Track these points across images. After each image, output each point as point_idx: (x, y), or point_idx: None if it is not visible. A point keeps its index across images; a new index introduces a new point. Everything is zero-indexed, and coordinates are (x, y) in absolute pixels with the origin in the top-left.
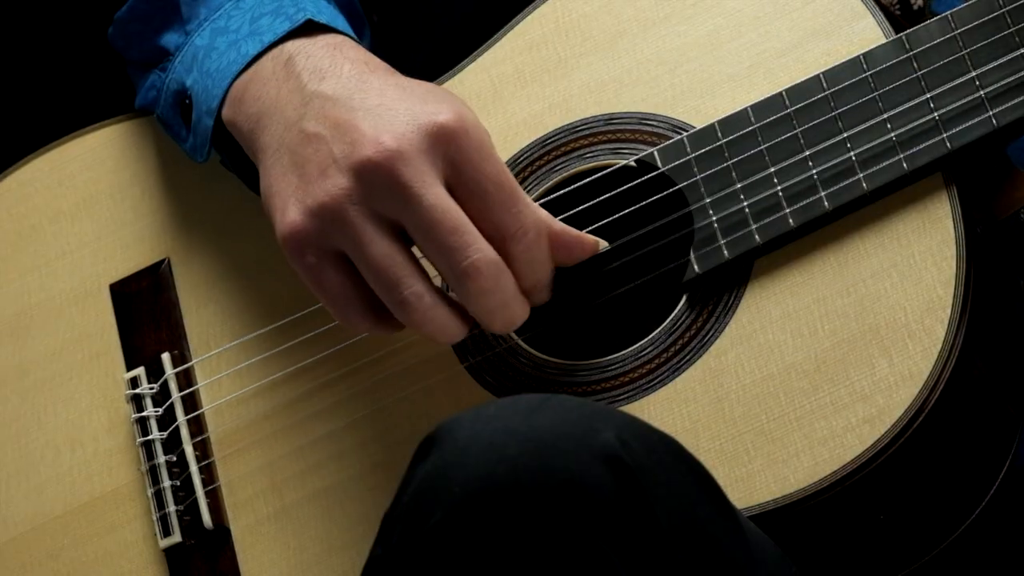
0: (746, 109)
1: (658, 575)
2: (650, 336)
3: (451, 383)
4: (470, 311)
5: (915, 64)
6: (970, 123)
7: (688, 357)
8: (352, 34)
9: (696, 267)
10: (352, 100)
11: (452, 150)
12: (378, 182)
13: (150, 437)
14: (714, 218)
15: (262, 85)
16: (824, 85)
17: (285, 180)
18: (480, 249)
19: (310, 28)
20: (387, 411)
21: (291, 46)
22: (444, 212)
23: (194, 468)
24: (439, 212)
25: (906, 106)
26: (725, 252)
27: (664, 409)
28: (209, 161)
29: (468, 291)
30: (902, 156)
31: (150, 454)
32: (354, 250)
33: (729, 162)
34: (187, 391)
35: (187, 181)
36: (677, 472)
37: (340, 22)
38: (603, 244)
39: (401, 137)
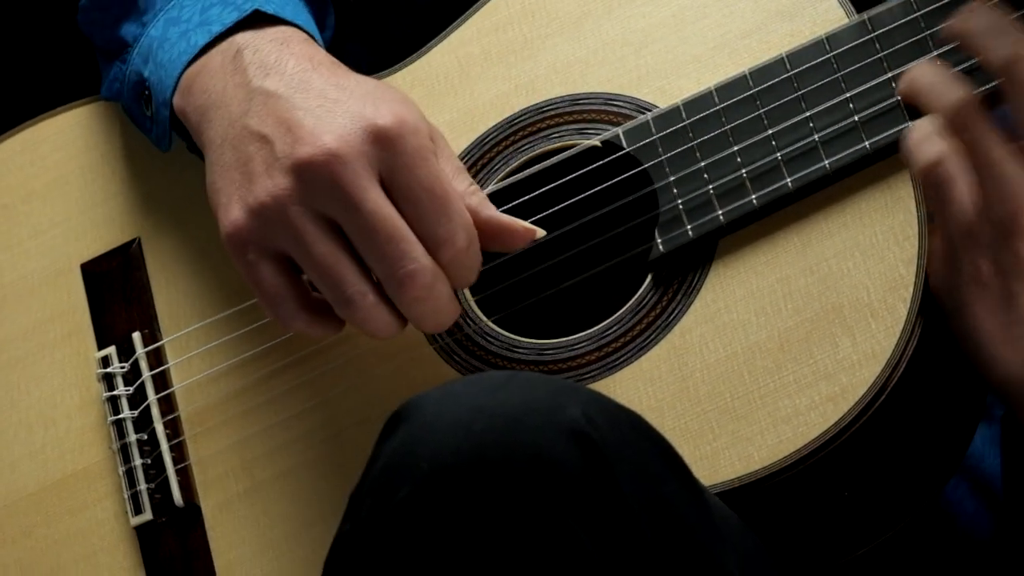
0: (710, 90)
1: (624, 550)
2: (615, 315)
3: (420, 363)
4: (405, 315)
5: (877, 45)
6: None
7: (653, 336)
8: (303, 23)
9: (661, 247)
10: (294, 98)
11: (388, 154)
12: (318, 183)
13: (121, 416)
14: (678, 198)
15: (210, 77)
16: (787, 66)
17: (228, 177)
18: (416, 259)
19: (260, 19)
20: (356, 390)
21: (241, 39)
22: (383, 220)
23: (165, 447)
24: (378, 219)
25: (869, 86)
26: (689, 232)
27: (630, 387)
28: (177, 143)
29: (404, 298)
30: (864, 136)
31: (121, 433)
32: (296, 250)
33: (693, 142)
34: (158, 370)
35: (157, 161)
36: (642, 448)
37: (289, 11)
38: (539, 232)
39: (340, 138)
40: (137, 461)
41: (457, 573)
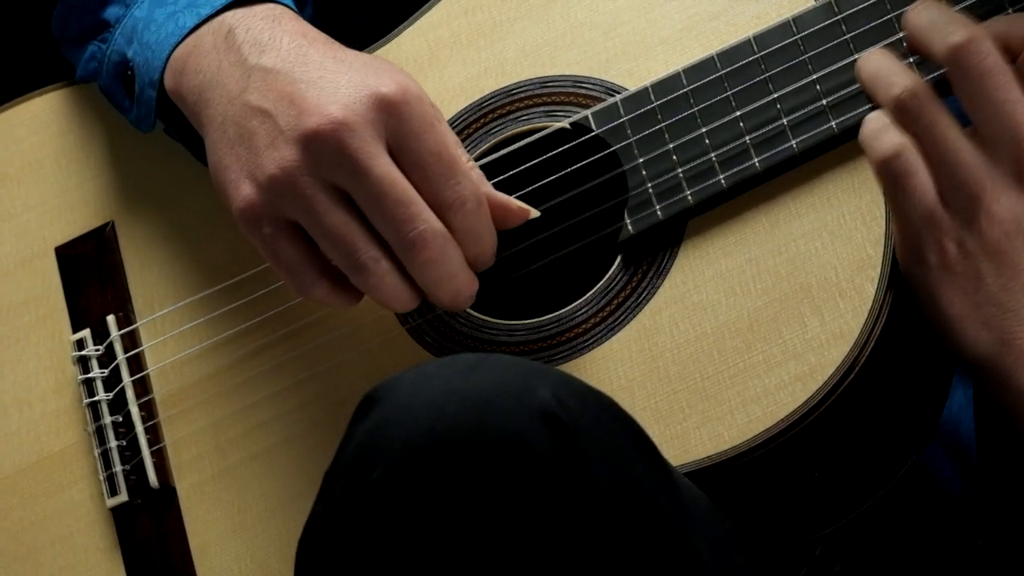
0: (678, 72)
1: (594, 530)
2: (586, 296)
3: (392, 345)
4: (418, 282)
5: (843, 27)
6: None
7: (623, 317)
8: (290, 3)
9: (630, 228)
10: (294, 72)
11: (394, 121)
12: (326, 152)
13: (96, 398)
14: (648, 180)
15: (202, 57)
16: (755, 48)
17: (234, 154)
18: (426, 220)
19: None
20: (329, 372)
21: (230, 17)
22: (392, 184)
23: (140, 428)
24: (387, 184)
25: (835, 67)
26: (659, 213)
27: (600, 368)
28: (152, 129)
29: (415, 262)
30: (831, 117)
31: (96, 415)
32: (308, 220)
33: (662, 124)
34: (132, 352)
35: (132, 145)
36: (612, 429)
37: None
38: (534, 212)
39: (346, 107)
40: (112, 443)
41: (429, 554)
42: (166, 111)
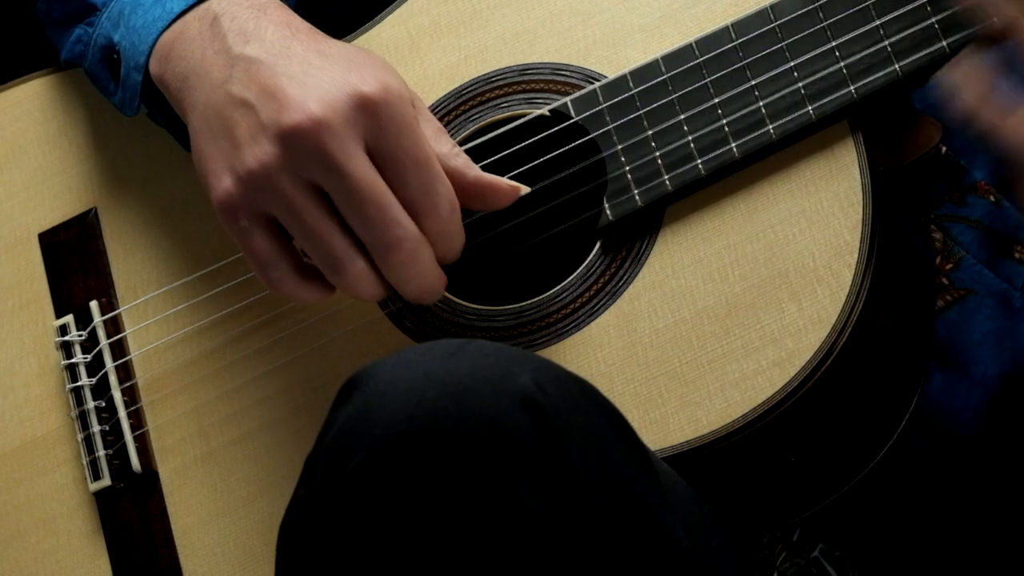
0: (657, 59)
1: (573, 515)
2: (565, 282)
3: (373, 329)
4: (389, 279)
5: (821, 14)
6: (875, 72)
7: (602, 303)
8: None
9: (609, 214)
10: (277, 65)
11: (373, 121)
12: (304, 150)
13: (79, 383)
14: (627, 166)
15: (188, 44)
16: (732, 35)
17: (215, 145)
18: (401, 223)
19: None
20: (311, 357)
21: (216, 5)
22: (368, 186)
23: (122, 413)
24: (363, 185)
25: (812, 55)
26: (637, 200)
27: (580, 353)
28: (136, 113)
29: (388, 262)
30: (809, 104)
31: (79, 400)
32: (285, 216)
33: (641, 111)
34: (115, 338)
35: (114, 132)
36: (592, 415)
37: None
38: (524, 189)
39: (326, 105)
40: (95, 428)
41: (409, 538)
42: (151, 96)
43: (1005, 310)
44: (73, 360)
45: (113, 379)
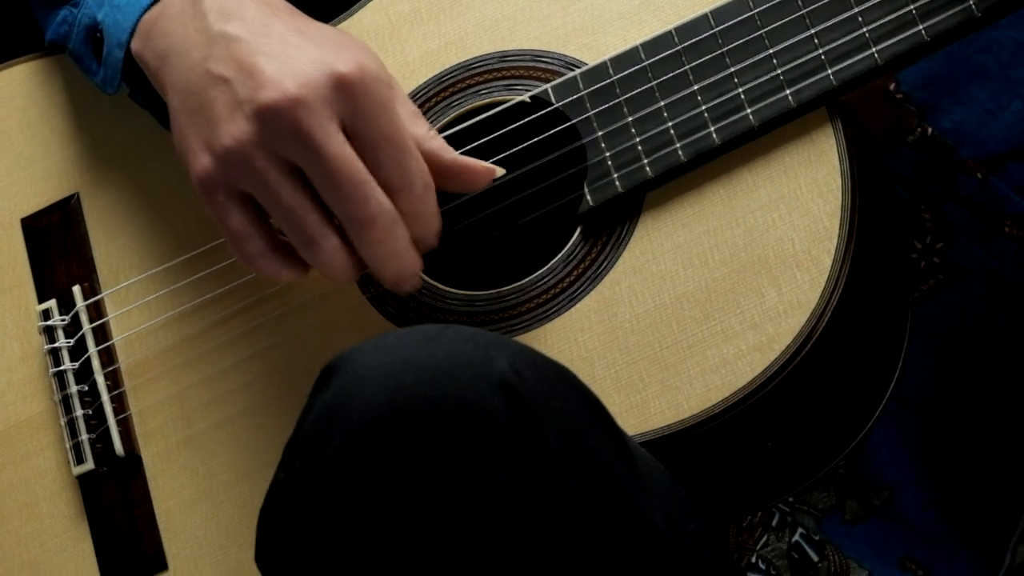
0: (636, 47)
1: (550, 499)
2: (546, 267)
3: (354, 314)
4: (364, 258)
5: (800, 2)
6: (854, 59)
7: (583, 288)
8: None
9: (590, 200)
10: (256, 43)
11: (349, 101)
12: (281, 128)
13: (62, 367)
14: (607, 153)
15: (170, 22)
16: (712, 23)
17: (193, 122)
18: (376, 200)
19: None
20: (293, 341)
21: None
22: (344, 163)
23: (105, 397)
24: (339, 163)
25: (791, 42)
26: (618, 185)
27: (560, 338)
28: (118, 97)
29: (363, 239)
30: (788, 91)
31: (62, 384)
32: (261, 193)
33: (621, 98)
34: (98, 322)
35: (96, 117)
36: (568, 399)
37: None
38: (499, 171)
39: (303, 84)
40: (78, 412)
41: (387, 522)
42: (132, 74)
43: (998, 286)
44: (56, 344)
45: (96, 363)
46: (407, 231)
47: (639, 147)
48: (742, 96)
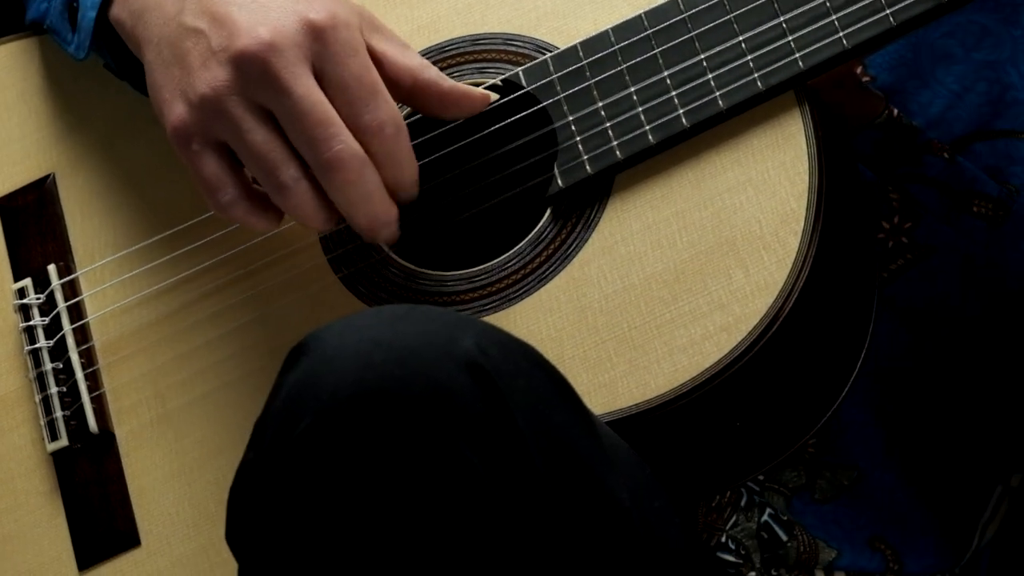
0: (607, 31)
1: (517, 477)
2: (515, 248)
3: (325, 293)
4: (336, 203)
5: None
6: (822, 43)
7: (552, 268)
8: None
9: (560, 182)
10: None
11: (320, 45)
12: (253, 73)
13: (37, 345)
14: (577, 135)
15: None
16: (682, 7)
17: (168, 74)
18: (343, 141)
19: None
20: (264, 320)
21: None
22: (312, 104)
23: (80, 375)
24: (307, 104)
25: (760, 28)
26: (588, 167)
27: (530, 318)
28: (95, 78)
29: (332, 182)
30: (757, 75)
31: (37, 361)
32: (234, 139)
33: (591, 81)
34: (73, 301)
35: (73, 98)
36: (534, 378)
37: None
38: (493, 96)
39: (275, 30)
40: (53, 389)
41: (357, 500)
42: (106, 40)
43: (966, 265)
44: (31, 323)
45: (70, 341)
46: (378, 175)
47: (609, 130)
48: (711, 80)
